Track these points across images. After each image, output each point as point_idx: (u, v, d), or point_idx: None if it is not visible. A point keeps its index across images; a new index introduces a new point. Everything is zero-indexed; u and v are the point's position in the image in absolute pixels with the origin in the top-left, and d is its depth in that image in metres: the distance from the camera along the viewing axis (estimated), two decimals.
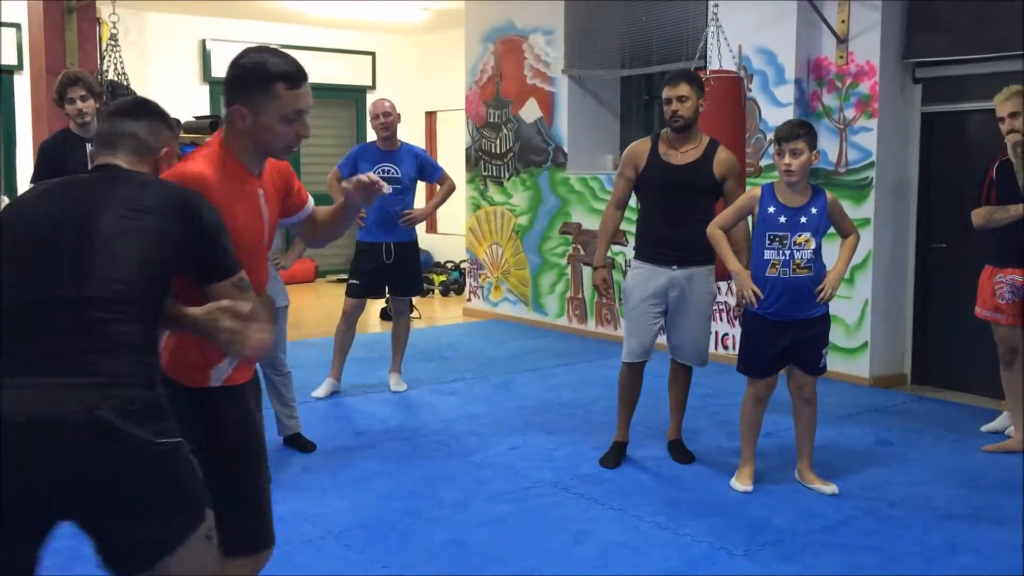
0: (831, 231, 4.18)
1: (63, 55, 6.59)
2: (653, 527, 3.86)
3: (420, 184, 6.27)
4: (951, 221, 6.18)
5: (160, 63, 9.96)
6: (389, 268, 5.86)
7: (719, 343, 6.87)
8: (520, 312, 8.80)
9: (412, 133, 10.71)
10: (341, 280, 10.36)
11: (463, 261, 10.35)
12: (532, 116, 8.56)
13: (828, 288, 4.06)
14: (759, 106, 6.57)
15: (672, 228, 4.45)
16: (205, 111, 10.10)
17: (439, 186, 6.10)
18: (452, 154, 10.51)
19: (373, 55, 11.75)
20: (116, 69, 6.19)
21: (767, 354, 4.17)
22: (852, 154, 6.23)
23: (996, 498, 4.20)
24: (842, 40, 6.21)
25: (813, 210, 4.07)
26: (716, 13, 5.82)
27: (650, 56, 7.56)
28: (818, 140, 4.14)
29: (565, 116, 8.26)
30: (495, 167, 9.00)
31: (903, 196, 6.32)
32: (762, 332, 4.15)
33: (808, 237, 4.05)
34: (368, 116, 5.96)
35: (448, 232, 11.17)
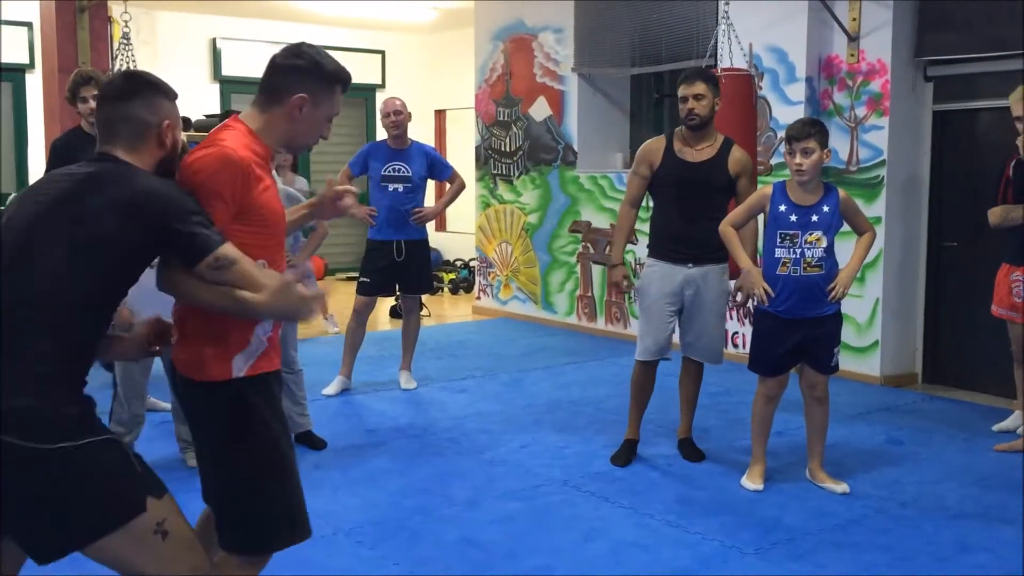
0: (846, 229, 4.17)
1: (75, 54, 6.61)
2: (664, 525, 3.86)
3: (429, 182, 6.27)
4: (963, 220, 6.16)
5: (171, 62, 9.98)
6: (400, 266, 5.87)
7: (730, 341, 6.86)
8: (529, 310, 8.81)
9: (421, 132, 10.71)
10: (351, 278, 10.39)
11: (472, 259, 10.36)
12: (542, 114, 8.56)
13: (839, 287, 4.04)
14: (770, 104, 6.55)
15: (687, 226, 4.45)
16: (215, 109, 10.13)
17: (449, 184, 6.11)
18: (461, 153, 10.52)
19: (383, 54, 11.76)
20: (128, 68, 6.23)
21: (778, 352, 4.16)
22: (863, 152, 6.21)
23: (1008, 497, 4.18)
24: (853, 38, 6.19)
25: (825, 208, 4.06)
26: (727, 11, 5.81)
27: (660, 54, 7.55)
28: (829, 138, 4.12)
29: (575, 114, 8.26)
30: (505, 165, 9.01)
31: (914, 194, 6.31)
32: (773, 330, 4.15)
33: (819, 235, 4.03)
34: (379, 115, 5.97)
35: (457, 230, 11.18)
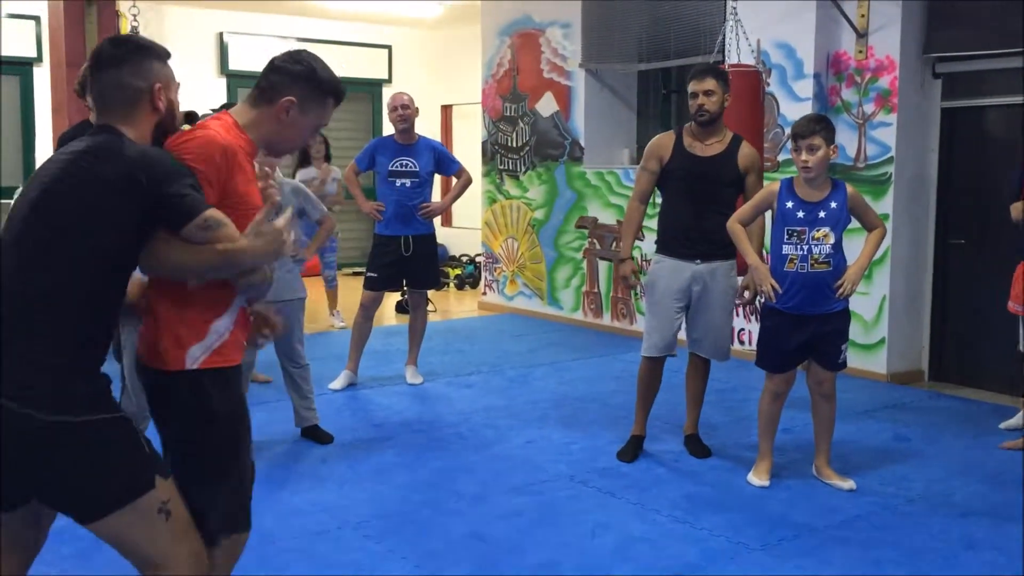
0: (855, 225, 4.16)
1: (83, 48, 6.61)
2: (670, 521, 3.86)
3: (436, 178, 6.27)
4: (970, 217, 6.16)
5: (178, 56, 9.82)
6: (407, 261, 5.87)
7: (736, 338, 6.86)
8: (535, 306, 8.81)
9: (427, 127, 10.71)
10: (357, 273, 10.40)
11: (478, 255, 10.36)
12: (549, 110, 8.55)
13: (847, 284, 4.03)
14: (777, 101, 6.54)
15: (696, 221, 4.45)
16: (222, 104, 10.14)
17: (456, 179, 6.11)
18: (468, 148, 10.51)
19: (389, 49, 11.75)
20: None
21: (785, 349, 4.16)
22: (871, 149, 6.20)
23: (1015, 495, 4.17)
24: (862, 35, 6.18)
25: (832, 204, 4.05)
26: (735, 7, 5.81)
27: (668, 50, 7.54)
28: (836, 134, 4.11)
29: (582, 110, 8.25)
30: (511, 161, 9.00)
31: (922, 192, 6.29)
32: (780, 327, 4.14)
33: (827, 232, 4.03)
34: (386, 109, 5.97)
35: (463, 226, 11.18)
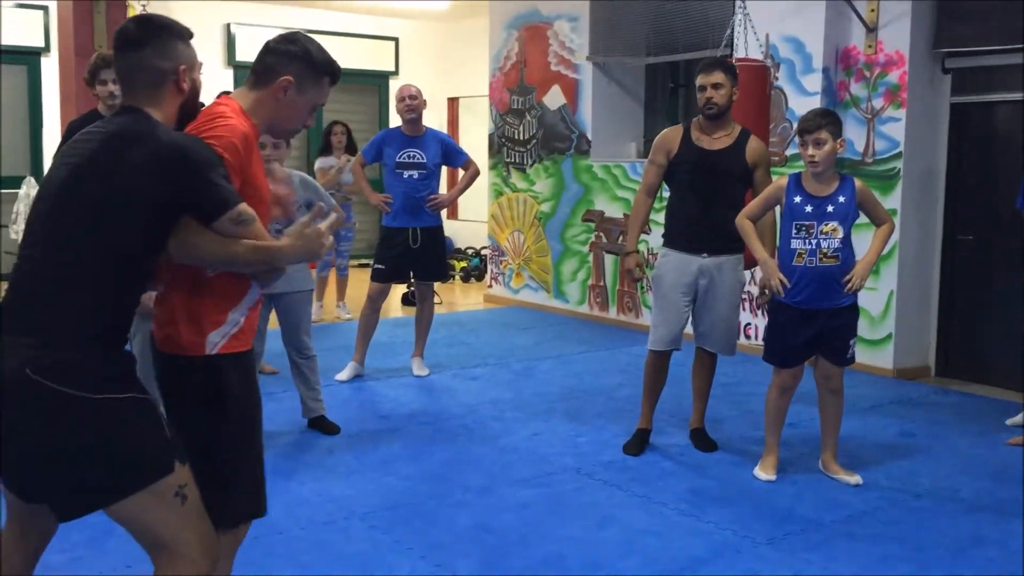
0: (864, 220, 4.16)
1: (92, 38, 6.63)
2: (677, 514, 3.87)
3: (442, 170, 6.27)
4: (979, 213, 6.14)
5: None
6: (415, 253, 5.87)
7: (742, 333, 6.85)
8: (541, 299, 8.81)
9: (434, 119, 10.71)
10: (364, 265, 10.41)
11: (484, 247, 10.36)
12: (556, 103, 8.55)
13: (856, 279, 4.03)
14: (786, 95, 6.53)
15: (703, 214, 4.45)
16: None
17: (463, 171, 6.10)
18: (474, 141, 10.51)
19: (396, 41, 11.75)
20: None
21: (793, 343, 4.16)
22: (879, 144, 6.19)
23: (1021, 491, 4.17)
24: (871, 29, 6.16)
25: (840, 198, 4.04)
26: (743, 1, 5.79)
27: (676, 44, 7.52)
28: (843, 128, 4.10)
29: (589, 103, 8.24)
30: (518, 154, 9.00)
31: (930, 187, 6.28)
32: (789, 321, 4.14)
33: (835, 226, 4.02)
34: (394, 100, 5.97)
35: (469, 218, 11.18)
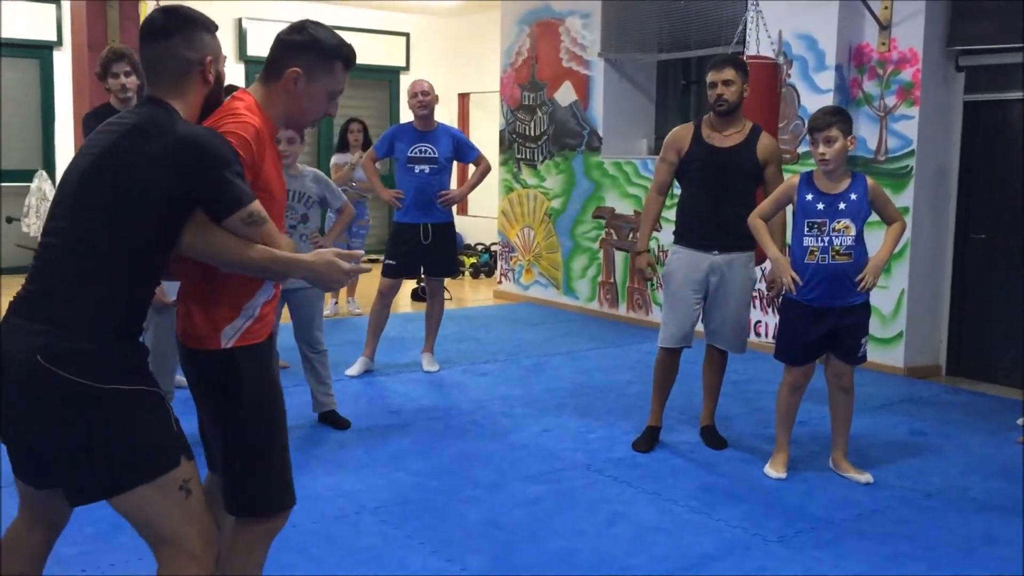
0: (876, 219, 4.14)
1: (104, 32, 6.64)
2: (687, 511, 3.87)
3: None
4: (991, 212, 6.12)
5: None
6: (426, 249, 5.87)
7: (752, 330, 6.84)
8: (551, 295, 8.81)
9: (445, 115, 10.69)
10: (373, 260, 10.41)
11: (493, 244, 10.36)
12: (567, 99, 8.54)
13: (868, 277, 4.02)
14: (798, 92, 6.51)
15: (714, 212, 4.44)
16: None
17: (474, 167, 6.10)
18: (485, 137, 10.50)
19: (407, 36, 11.75)
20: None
21: (805, 341, 4.15)
22: (892, 142, 6.17)
23: None
24: (885, 27, 6.14)
25: (852, 196, 4.04)
26: None
27: (688, 40, 7.51)
28: (854, 125, 4.09)
29: (600, 100, 8.23)
30: (529, 150, 8.99)
31: (943, 186, 6.26)
32: (800, 319, 4.13)
33: (847, 223, 4.01)
34: (406, 96, 5.97)
35: (479, 214, 11.18)
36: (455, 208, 6.33)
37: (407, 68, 11.68)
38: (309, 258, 2.31)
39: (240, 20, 10.41)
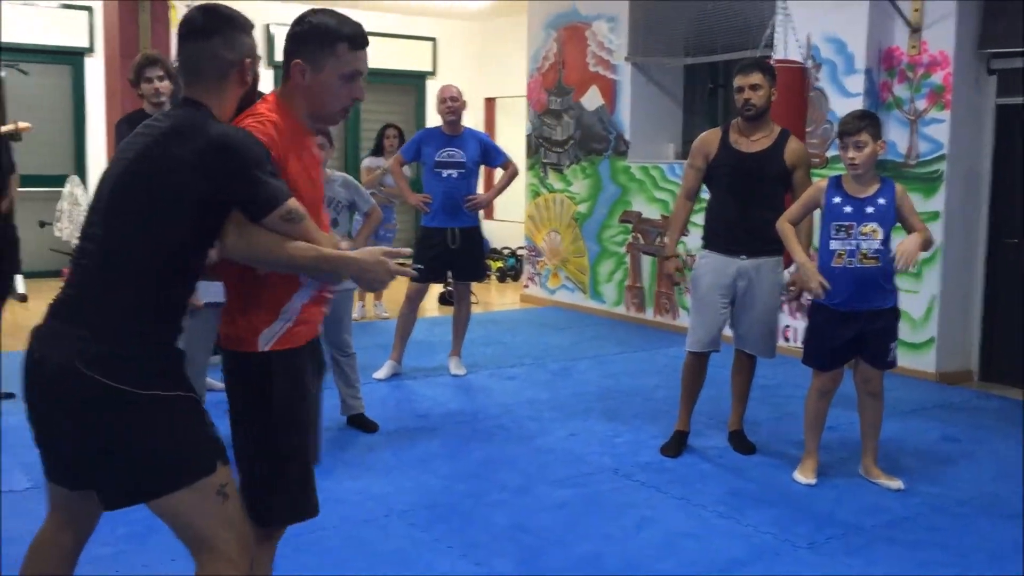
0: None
1: (136, 38, 6.73)
2: (715, 516, 3.85)
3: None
4: None
5: None
6: (453, 253, 5.89)
7: (781, 335, 6.80)
8: (577, 300, 8.80)
9: (471, 120, 10.71)
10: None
11: (520, 248, 10.37)
12: (594, 104, 8.53)
13: (905, 256, 3.80)
14: (827, 96, 6.47)
15: (742, 216, 4.43)
16: None
17: (502, 171, 6.11)
18: (511, 141, 10.51)
19: (434, 41, 11.78)
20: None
21: (832, 346, 4.12)
22: (923, 146, 6.11)
23: None
24: (915, 29, 6.09)
25: (881, 200, 4.01)
26: (784, 1, 5.75)
27: (715, 44, 7.49)
28: (883, 129, 4.05)
29: (627, 104, 8.22)
30: (555, 154, 9.00)
31: (974, 189, 6.20)
32: (828, 324, 4.11)
33: (875, 227, 3.98)
34: (436, 100, 5.99)
35: (505, 219, 11.19)
36: (482, 212, 6.34)
37: (434, 73, 11.71)
38: (358, 255, 2.28)
39: (268, 26, 10.47)
